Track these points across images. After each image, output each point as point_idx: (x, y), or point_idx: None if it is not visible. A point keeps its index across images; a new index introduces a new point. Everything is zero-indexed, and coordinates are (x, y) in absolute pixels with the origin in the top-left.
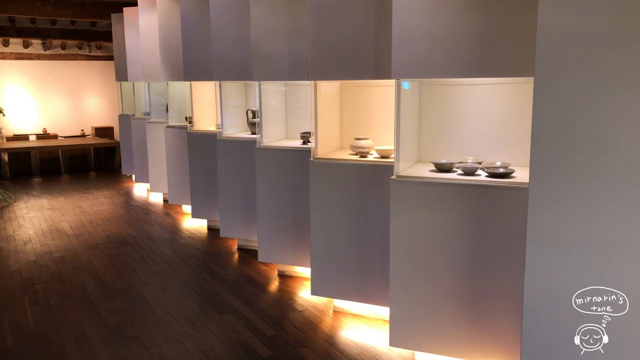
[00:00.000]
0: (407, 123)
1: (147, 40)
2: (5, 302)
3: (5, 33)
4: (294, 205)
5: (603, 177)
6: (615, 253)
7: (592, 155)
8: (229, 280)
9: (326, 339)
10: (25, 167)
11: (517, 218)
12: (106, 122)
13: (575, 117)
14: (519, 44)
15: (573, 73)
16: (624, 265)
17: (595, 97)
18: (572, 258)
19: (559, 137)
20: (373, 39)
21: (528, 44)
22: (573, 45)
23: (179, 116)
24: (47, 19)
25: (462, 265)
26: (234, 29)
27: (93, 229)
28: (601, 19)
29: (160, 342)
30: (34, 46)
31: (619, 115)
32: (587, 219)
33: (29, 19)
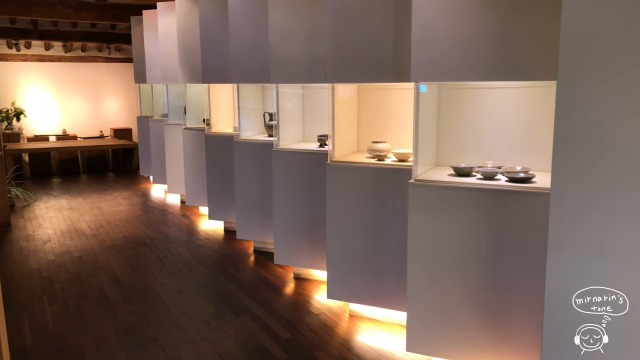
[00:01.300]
0: (426, 126)
1: (165, 43)
2: (25, 301)
3: (28, 35)
4: (311, 208)
5: (629, 184)
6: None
7: (617, 161)
8: (244, 282)
9: (342, 343)
10: (45, 167)
11: (538, 224)
12: (125, 124)
13: (600, 121)
14: (540, 46)
15: (598, 76)
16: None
17: (621, 100)
18: (595, 266)
19: (582, 141)
20: (391, 42)
21: (550, 46)
22: (598, 47)
23: (197, 118)
24: (68, 22)
25: (480, 271)
26: (252, 32)
27: (111, 230)
28: (628, 19)
29: (176, 344)
30: (55, 48)
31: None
32: (612, 225)
33: (51, 22)
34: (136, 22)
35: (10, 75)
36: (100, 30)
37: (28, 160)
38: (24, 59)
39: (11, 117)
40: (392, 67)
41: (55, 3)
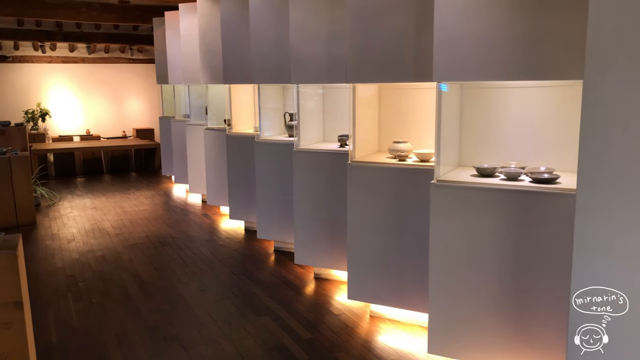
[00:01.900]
0: (448, 126)
1: (187, 44)
2: (51, 299)
3: (53, 37)
4: (331, 208)
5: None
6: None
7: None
8: (265, 282)
9: (363, 344)
10: (69, 167)
11: (563, 225)
12: (147, 124)
13: (626, 121)
14: (566, 45)
15: (625, 75)
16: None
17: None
18: (622, 268)
19: (609, 142)
20: (413, 41)
21: (575, 45)
22: (625, 46)
23: (218, 119)
24: (91, 24)
25: (504, 273)
26: (273, 32)
27: (134, 229)
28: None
29: (198, 343)
30: (79, 50)
31: None
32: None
33: (75, 24)
34: (158, 24)
35: (35, 76)
36: (123, 31)
37: (53, 160)
38: (49, 61)
39: (37, 117)
40: (414, 67)
41: (79, 5)
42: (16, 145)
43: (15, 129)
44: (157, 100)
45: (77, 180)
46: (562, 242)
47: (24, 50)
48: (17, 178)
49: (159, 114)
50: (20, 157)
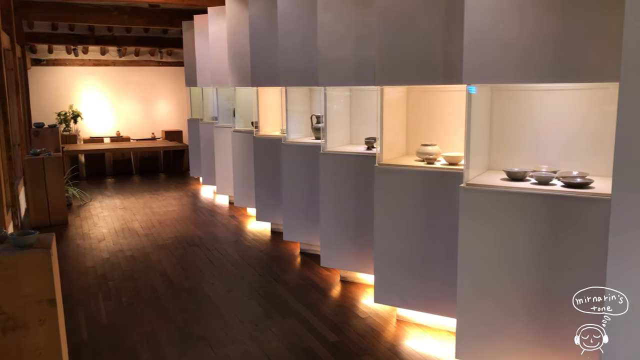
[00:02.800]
0: (478, 129)
1: (216, 47)
2: (82, 297)
3: (85, 41)
4: (358, 211)
5: None
6: None
7: None
8: (291, 283)
9: (389, 348)
10: (100, 168)
11: (596, 231)
12: (175, 126)
13: None
14: (600, 47)
15: None
16: None
17: None
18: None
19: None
20: (442, 43)
21: (610, 47)
22: None
23: (245, 121)
24: (122, 27)
25: (534, 278)
26: (300, 35)
27: (162, 229)
28: None
29: (225, 343)
30: (110, 53)
31: None
32: None
33: (107, 28)
34: (187, 27)
35: (68, 79)
36: (153, 35)
37: (84, 161)
38: (81, 64)
39: (69, 119)
40: (443, 69)
41: (110, 9)
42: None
43: (48, 130)
44: (185, 103)
45: (107, 181)
46: (595, 247)
47: (58, 54)
48: (50, 178)
49: (187, 117)
50: (53, 157)
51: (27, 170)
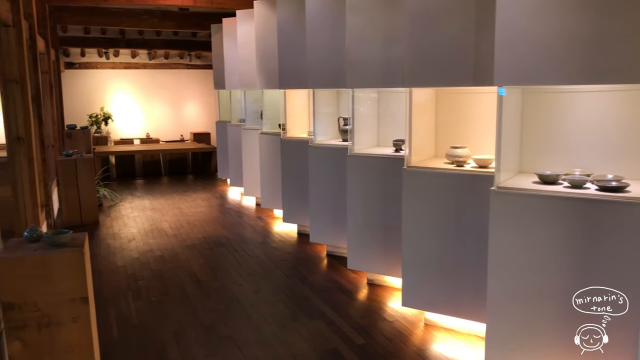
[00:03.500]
0: (509, 132)
1: (244, 50)
2: (112, 296)
3: (117, 44)
4: (385, 213)
5: None
6: None
7: None
8: (318, 285)
9: (417, 352)
10: (130, 169)
11: (632, 235)
12: (204, 128)
13: None
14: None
15: None
16: None
17: None
18: None
19: None
20: (472, 45)
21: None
22: None
23: (272, 123)
24: (153, 31)
25: (567, 283)
26: (328, 37)
27: (191, 230)
28: None
29: (252, 344)
30: (141, 56)
31: None
32: None
33: (137, 31)
34: (216, 30)
35: (99, 82)
36: (182, 38)
37: (114, 162)
38: (112, 67)
39: (100, 121)
40: (473, 71)
41: (141, 13)
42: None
43: (80, 132)
44: (213, 105)
45: (137, 182)
46: (631, 252)
47: (90, 57)
48: (82, 179)
49: (215, 119)
50: (85, 159)
51: (60, 171)
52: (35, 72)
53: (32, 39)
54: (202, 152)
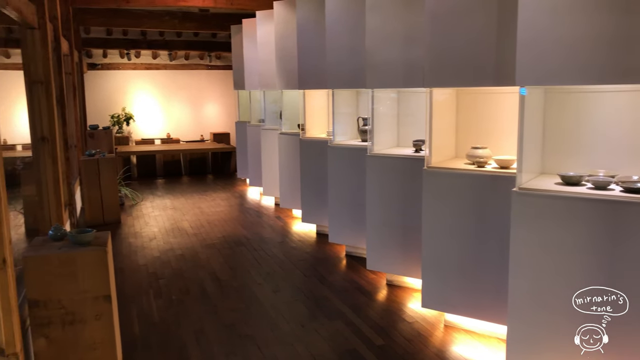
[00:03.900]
0: (531, 132)
1: (264, 50)
2: (134, 294)
3: (138, 45)
4: (405, 214)
5: None
6: None
7: None
8: (337, 286)
9: (437, 353)
10: (151, 169)
11: None
12: (223, 129)
13: None
14: None
15: None
16: None
17: None
18: None
19: None
20: (494, 44)
21: None
22: None
23: (292, 123)
24: (173, 32)
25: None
26: (348, 38)
27: (211, 229)
28: None
29: (272, 343)
30: (161, 57)
31: None
32: None
33: (158, 32)
34: (236, 31)
35: (121, 82)
36: (202, 39)
37: (136, 162)
38: (134, 68)
39: (122, 121)
40: (495, 71)
41: (162, 14)
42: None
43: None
44: (233, 106)
45: (158, 182)
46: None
47: (112, 58)
48: (105, 178)
49: (235, 119)
50: (107, 158)
51: (83, 171)
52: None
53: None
54: (222, 152)
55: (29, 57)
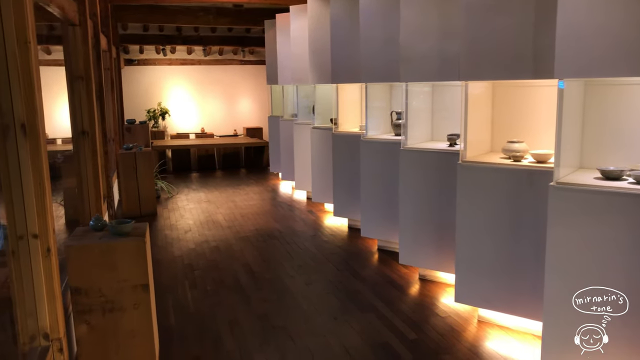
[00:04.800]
0: (570, 125)
1: (297, 45)
2: (170, 285)
3: (173, 41)
4: (438, 208)
5: None
6: None
7: None
8: (369, 280)
9: (470, 348)
10: (186, 162)
11: None
12: (256, 123)
13: None
14: None
15: None
16: None
17: None
18: None
19: None
20: (532, 36)
21: None
22: None
23: (324, 118)
24: (208, 28)
25: (630, 284)
26: (382, 31)
27: (244, 222)
28: None
29: (304, 334)
30: (196, 52)
31: None
32: None
33: (193, 28)
34: (269, 26)
35: (157, 78)
36: (236, 34)
37: (171, 156)
38: (169, 63)
39: (157, 116)
40: (533, 63)
41: (197, 10)
42: (140, 141)
43: (139, 126)
44: (266, 100)
45: (192, 175)
46: None
47: (148, 54)
48: (141, 172)
49: (268, 114)
50: (144, 152)
51: (121, 164)
52: (98, 68)
53: (96, 37)
54: (255, 146)
55: (71, 53)
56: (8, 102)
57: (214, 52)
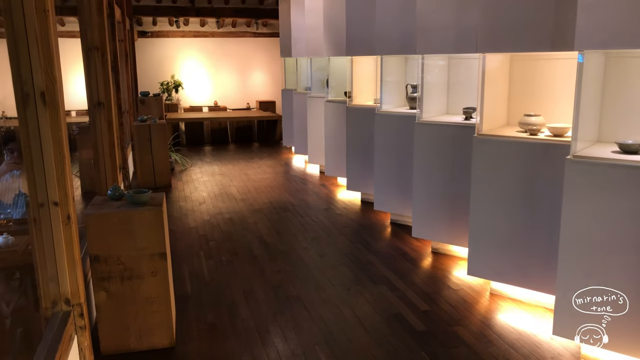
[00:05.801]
0: (588, 99)
1: (311, 17)
2: (186, 255)
3: (187, 13)
4: (452, 182)
5: None
6: None
7: None
8: (382, 252)
9: (482, 320)
10: (199, 136)
11: None
12: (269, 97)
13: None
14: None
15: None
16: None
17: None
18: None
19: None
20: (552, 7)
21: None
22: None
23: (338, 91)
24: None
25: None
26: (399, 3)
27: (258, 195)
28: None
29: (318, 304)
30: (209, 24)
31: None
32: None
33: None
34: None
35: (170, 50)
36: (250, 6)
37: (184, 129)
38: (182, 35)
39: (171, 89)
40: (552, 35)
41: None
42: (154, 114)
43: (153, 99)
44: (279, 74)
45: (205, 148)
46: None
47: (161, 26)
48: (156, 144)
49: (281, 87)
50: (158, 124)
51: (135, 136)
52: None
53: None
54: (268, 120)
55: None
56: (28, 70)
57: (227, 24)
